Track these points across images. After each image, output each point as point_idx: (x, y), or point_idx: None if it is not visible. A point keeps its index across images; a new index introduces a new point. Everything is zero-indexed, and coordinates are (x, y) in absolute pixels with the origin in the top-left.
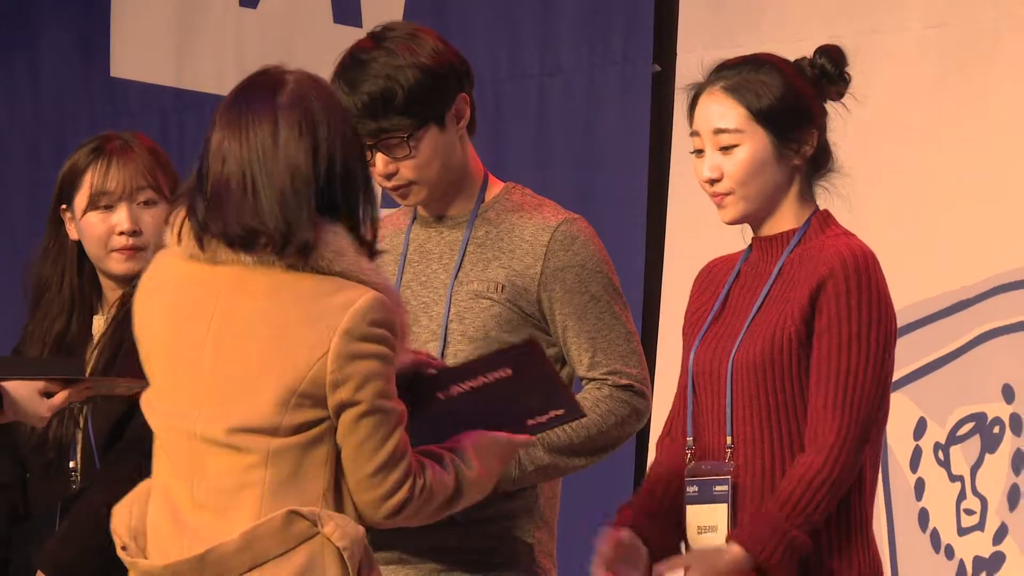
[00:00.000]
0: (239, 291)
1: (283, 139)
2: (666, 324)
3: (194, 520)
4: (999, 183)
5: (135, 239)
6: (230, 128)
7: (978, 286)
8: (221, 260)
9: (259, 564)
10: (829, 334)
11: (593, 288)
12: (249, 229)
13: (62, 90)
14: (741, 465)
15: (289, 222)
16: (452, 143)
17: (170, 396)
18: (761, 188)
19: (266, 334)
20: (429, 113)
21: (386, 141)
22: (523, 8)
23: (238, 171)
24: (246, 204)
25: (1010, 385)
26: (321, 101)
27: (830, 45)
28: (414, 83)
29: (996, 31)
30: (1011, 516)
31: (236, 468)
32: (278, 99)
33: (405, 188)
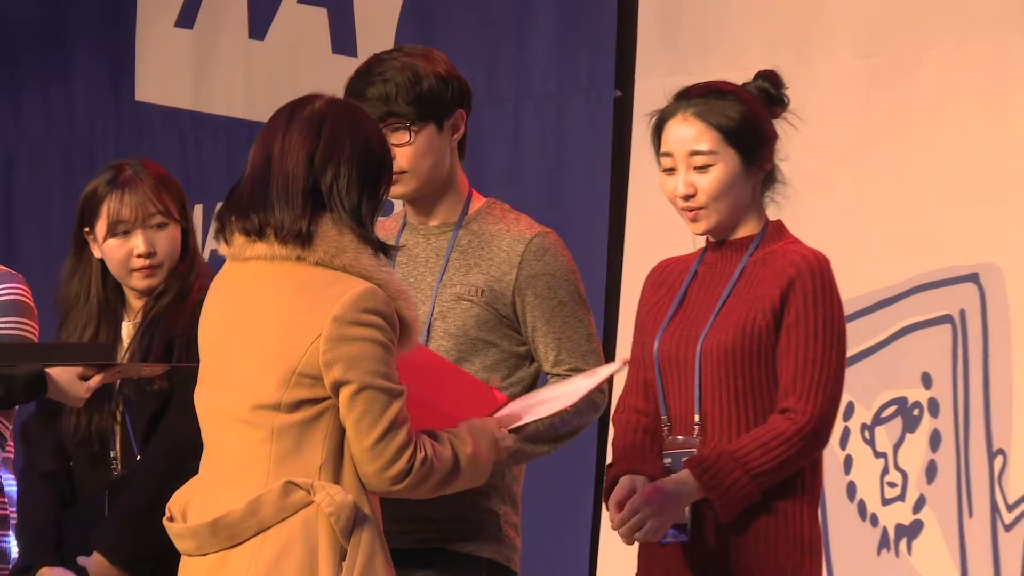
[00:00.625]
0: (257, 283)
1: (289, 145)
2: (625, 323)
3: (216, 489)
4: (919, 195)
5: (151, 259)
6: (258, 139)
7: (900, 285)
8: (246, 256)
9: (263, 529)
10: (797, 328)
11: (561, 294)
12: (261, 220)
13: (93, 112)
14: (710, 439)
15: (288, 214)
16: (444, 148)
17: (208, 384)
18: (730, 202)
19: (275, 320)
20: (432, 112)
21: (391, 125)
22: (499, 40)
23: (255, 172)
24: (258, 199)
25: (928, 373)
26: (335, 117)
27: (768, 70)
28: (428, 82)
29: (917, 61)
30: (929, 488)
31: (249, 443)
32: (296, 113)
33: (397, 176)
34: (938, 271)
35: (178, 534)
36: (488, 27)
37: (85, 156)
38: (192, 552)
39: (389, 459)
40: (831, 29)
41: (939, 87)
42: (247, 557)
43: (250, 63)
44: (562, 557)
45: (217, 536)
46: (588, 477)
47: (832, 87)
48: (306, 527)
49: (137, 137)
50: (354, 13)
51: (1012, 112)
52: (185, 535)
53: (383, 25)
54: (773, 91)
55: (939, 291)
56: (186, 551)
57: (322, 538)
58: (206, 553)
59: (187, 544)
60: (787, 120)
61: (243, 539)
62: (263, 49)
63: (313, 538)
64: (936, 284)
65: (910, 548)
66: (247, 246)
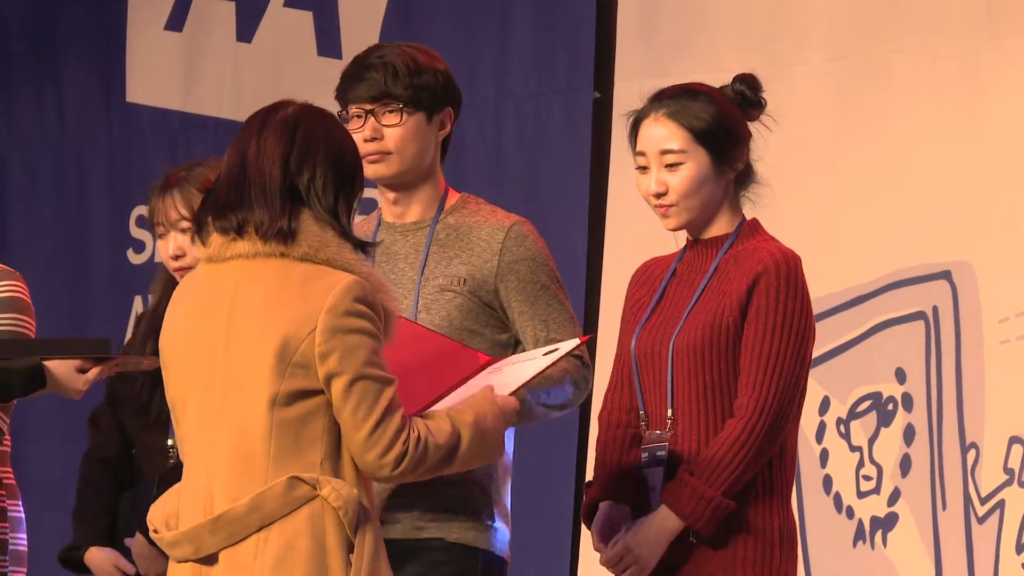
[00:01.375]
0: (242, 281)
1: (265, 146)
2: (604, 321)
3: (211, 490)
4: (891, 195)
5: (181, 261)
6: (232, 144)
7: (873, 283)
8: (227, 256)
9: (266, 524)
10: (757, 322)
11: (542, 278)
12: (240, 219)
13: (84, 113)
14: (681, 433)
15: (268, 212)
16: (430, 140)
17: (194, 385)
18: (701, 200)
19: (265, 314)
20: (425, 102)
21: (386, 104)
22: (481, 44)
23: (231, 174)
24: (236, 198)
25: (902, 368)
26: (309, 121)
27: (746, 74)
28: (426, 73)
29: (888, 63)
30: (903, 481)
31: (246, 441)
32: (269, 117)
33: (382, 156)
34: (911, 269)
35: (171, 542)
36: (469, 29)
37: (76, 156)
38: (189, 556)
39: (386, 445)
40: (804, 32)
41: (910, 88)
42: (251, 552)
43: (238, 65)
44: (545, 548)
45: (218, 534)
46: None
47: (805, 89)
48: (312, 521)
49: (128, 138)
50: (339, 16)
51: (981, 112)
52: (180, 540)
53: (367, 28)
54: (750, 94)
55: (912, 288)
56: (182, 557)
57: (329, 532)
58: (204, 555)
59: (183, 550)
60: (761, 121)
61: (245, 535)
62: (250, 51)
63: (320, 532)
64: (909, 281)
65: (885, 540)
66: (227, 245)
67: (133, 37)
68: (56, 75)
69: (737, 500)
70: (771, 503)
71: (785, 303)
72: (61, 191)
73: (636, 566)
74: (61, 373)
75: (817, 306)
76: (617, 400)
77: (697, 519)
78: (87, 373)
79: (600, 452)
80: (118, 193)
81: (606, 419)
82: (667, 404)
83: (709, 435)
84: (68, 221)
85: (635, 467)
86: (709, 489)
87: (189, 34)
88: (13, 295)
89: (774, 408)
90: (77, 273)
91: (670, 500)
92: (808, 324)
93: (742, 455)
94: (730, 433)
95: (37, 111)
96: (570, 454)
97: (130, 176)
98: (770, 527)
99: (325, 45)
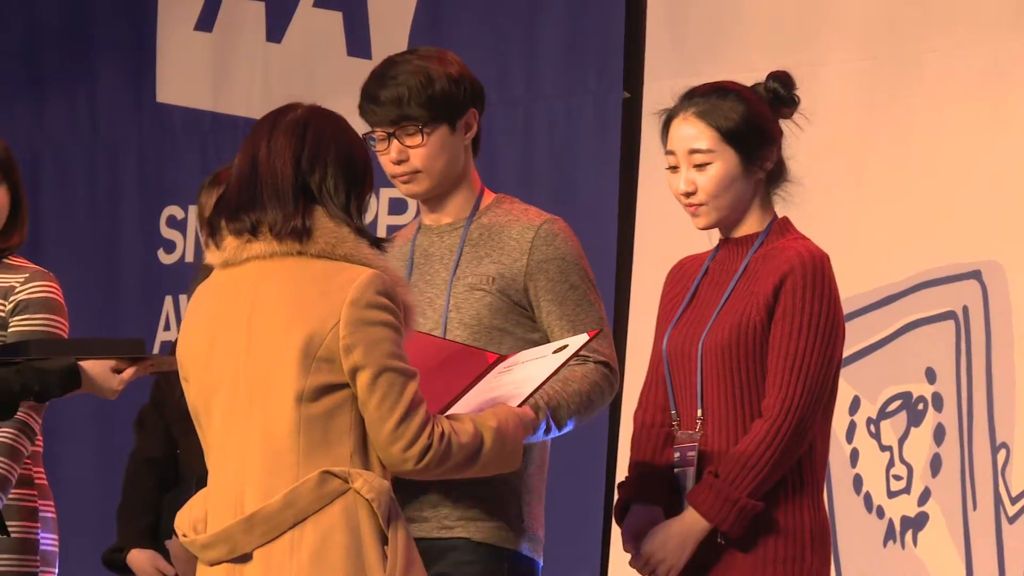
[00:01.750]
0: (260, 281)
1: (275, 147)
2: (635, 322)
3: (241, 490)
4: (921, 194)
5: None
6: (242, 147)
7: (903, 283)
8: (243, 258)
9: (300, 520)
10: (784, 322)
11: (572, 278)
12: (253, 220)
13: (115, 113)
14: (711, 433)
15: (281, 212)
16: (458, 147)
17: (219, 389)
18: (730, 199)
19: (288, 312)
20: (444, 113)
21: (404, 128)
22: (511, 44)
23: (242, 176)
24: (248, 200)
25: (932, 368)
26: (318, 122)
27: (780, 71)
28: (440, 84)
29: (919, 63)
30: (933, 481)
31: (275, 438)
32: (279, 120)
33: (411, 176)
34: (941, 268)
35: (203, 544)
36: (499, 30)
37: (108, 156)
38: (223, 557)
39: (412, 437)
40: (836, 31)
41: (941, 88)
42: (287, 549)
43: (268, 65)
44: (575, 550)
45: (252, 532)
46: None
47: (836, 88)
48: (346, 513)
49: (158, 137)
50: (368, 16)
51: (1012, 111)
52: (213, 542)
53: (397, 28)
54: (783, 92)
55: (942, 288)
56: (215, 559)
57: (364, 523)
58: (239, 554)
59: (216, 551)
60: (793, 121)
61: (280, 532)
62: (280, 51)
63: (354, 524)
64: (939, 281)
65: (915, 540)
66: (243, 248)
67: (164, 38)
68: (87, 76)
69: (766, 500)
70: (801, 503)
71: (812, 303)
72: (92, 191)
73: (663, 567)
74: (96, 373)
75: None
76: (652, 399)
77: (723, 521)
78: (122, 373)
79: (634, 451)
80: (149, 193)
81: (640, 418)
82: (697, 404)
83: (738, 435)
84: (99, 221)
85: (668, 467)
86: (735, 491)
87: (219, 34)
88: (47, 295)
89: (800, 409)
90: (108, 273)
91: (696, 502)
92: (836, 323)
93: (768, 456)
94: (756, 434)
95: (69, 112)
96: (600, 455)
97: (161, 176)
98: (800, 527)
99: (355, 45)
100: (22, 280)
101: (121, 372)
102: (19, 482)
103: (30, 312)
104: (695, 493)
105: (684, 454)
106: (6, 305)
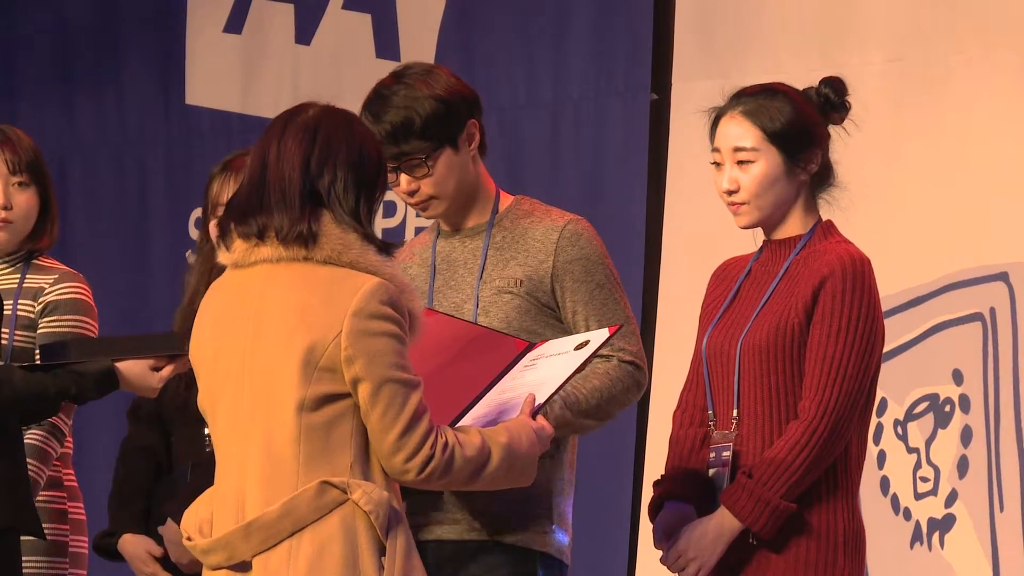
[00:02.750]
0: (267, 285)
1: (285, 150)
2: (663, 323)
3: (243, 496)
4: (948, 196)
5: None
6: (254, 148)
7: (931, 284)
8: (251, 261)
9: (299, 529)
10: (822, 325)
11: (598, 277)
12: (260, 224)
13: (144, 115)
14: (746, 434)
15: (288, 217)
16: (465, 163)
17: (223, 392)
18: (772, 199)
19: (292, 319)
20: (444, 137)
21: (408, 163)
22: (539, 46)
23: (252, 179)
24: (256, 203)
25: (959, 370)
26: (330, 123)
27: (834, 77)
28: (430, 111)
29: (946, 65)
30: (960, 483)
31: (276, 446)
32: (290, 121)
33: (426, 203)
34: (968, 270)
35: (205, 549)
36: (527, 32)
37: (136, 158)
38: (222, 563)
39: (414, 448)
40: (863, 33)
41: (968, 90)
42: (284, 558)
43: (297, 67)
44: (602, 550)
45: (250, 540)
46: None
47: (864, 90)
48: (344, 524)
49: (187, 139)
50: (397, 18)
51: None
52: (214, 548)
53: (425, 30)
54: (835, 97)
55: (969, 290)
56: (216, 564)
57: (361, 535)
58: (238, 561)
59: (217, 557)
60: (842, 126)
61: (278, 540)
62: (309, 54)
63: (352, 535)
64: (966, 283)
65: (942, 542)
66: (251, 251)
67: (192, 40)
68: (116, 78)
69: (800, 503)
70: (835, 506)
71: (851, 306)
72: (121, 193)
73: (694, 565)
74: (135, 374)
75: None
76: (691, 399)
77: (755, 521)
78: (161, 371)
79: (672, 449)
80: (177, 195)
81: (679, 417)
82: (733, 404)
83: (774, 437)
84: (128, 223)
85: (704, 467)
86: (767, 492)
87: (248, 36)
88: (76, 297)
89: (836, 412)
90: (136, 275)
91: (728, 502)
92: (875, 328)
93: (802, 458)
94: (791, 436)
95: (97, 114)
96: (628, 454)
97: (189, 178)
98: (834, 530)
99: (383, 47)
100: (51, 281)
101: (159, 370)
102: (48, 484)
103: (59, 313)
104: (728, 493)
105: (719, 454)
106: (35, 306)
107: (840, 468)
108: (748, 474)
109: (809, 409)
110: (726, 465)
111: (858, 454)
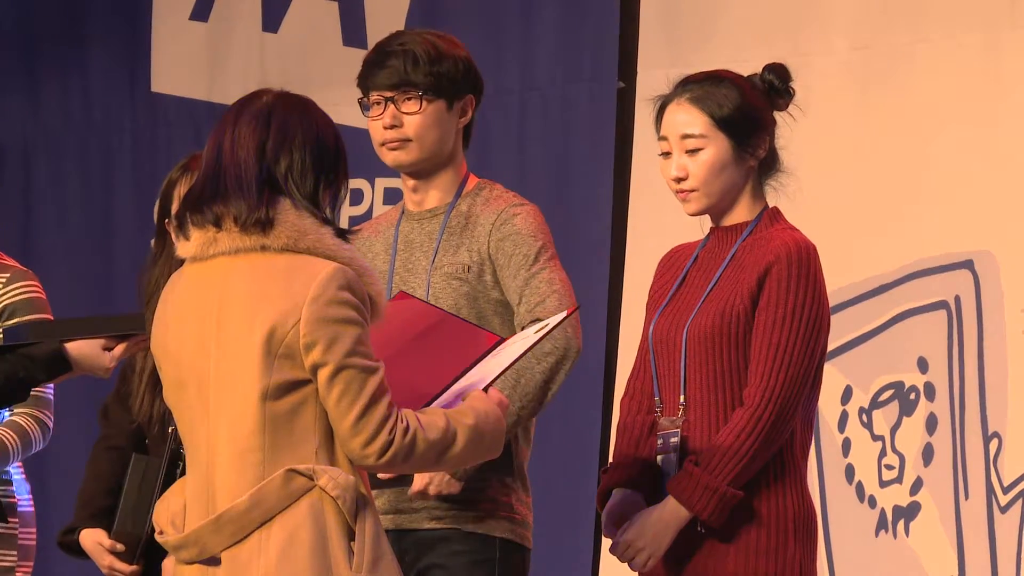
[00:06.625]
0: (226, 278)
1: (239, 137)
2: (628, 312)
3: (211, 489)
4: (913, 185)
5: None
6: (209, 137)
7: (896, 272)
8: (209, 254)
9: (268, 519)
10: (767, 311)
11: (524, 249)
12: (217, 212)
13: (109, 102)
14: (693, 421)
15: (245, 203)
16: (451, 127)
17: (187, 385)
18: (721, 186)
19: (252, 310)
20: (446, 89)
21: (405, 92)
22: (506, 34)
23: (207, 169)
24: (212, 191)
25: (924, 358)
26: (285, 108)
27: (776, 63)
28: (447, 61)
29: (911, 53)
30: (925, 471)
31: (240, 437)
32: (244, 108)
33: (401, 143)
34: (933, 258)
35: (177, 544)
36: (494, 19)
37: (102, 145)
38: (195, 558)
39: (372, 433)
40: (827, 22)
41: (933, 78)
42: (255, 548)
43: (264, 55)
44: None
45: (221, 533)
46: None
47: (828, 78)
48: (312, 511)
49: (153, 127)
50: (364, 6)
51: (1004, 102)
52: (185, 543)
53: (392, 17)
54: (779, 83)
55: (934, 278)
56: (189, 559)
57: (330, 520)
58: (210, 555)
59: (189, 552)
60: (787, 112)
61: (249, 532)
62: (276, 41)
63: (320, 521)
64: (931, 271)
65: (907, 529)
66: (209, 243)
67: (158, 27)
68: (81, 65)
69: (748, 490)
70: (783, 492)
71: (796, 293)
72: (86, 180)
73: (643, 554)
74: (85, 354)
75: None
76: (639, 386)
77: (703, 509)
78: (113, 351)
79: (620, 437)
80: (143, 183)
81: (627, 404)
82: (680, 391)
83: (720, 423)
84: (93, 210)
85: (652, 454)
86: (714, 479)
87: (214, 24)
88: (34, 295)
89: (781, 398)
90: (102, 262)
91: (676, 491)
92: (820, 314)
93: (748, 445)
94: (736, 423)
95: (62, 101)
96: (593, 447)
97: (155, 166)
98: (784, 516)
99: (351, 35)
100: (3, 282)
101: (111, 350)
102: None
103: (20, 315)
104: (675, 482)
105: (667, 440)
106: None
107: (787, 454)
108: (695, 462)
109: (754, 396)
110: (674, 451)
111: (803, 440)
